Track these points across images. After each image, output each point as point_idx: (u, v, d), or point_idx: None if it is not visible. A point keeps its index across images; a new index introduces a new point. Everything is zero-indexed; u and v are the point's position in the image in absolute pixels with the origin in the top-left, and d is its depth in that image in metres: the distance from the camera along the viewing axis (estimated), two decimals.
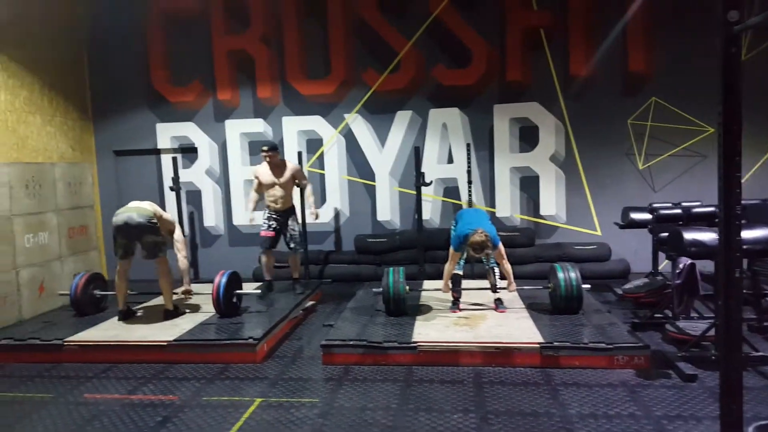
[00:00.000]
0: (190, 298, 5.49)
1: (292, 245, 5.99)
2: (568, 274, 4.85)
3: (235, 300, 5.33)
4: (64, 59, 7.44)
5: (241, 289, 5.46)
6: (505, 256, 4.94)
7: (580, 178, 7.22)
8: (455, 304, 5.22)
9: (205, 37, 7.56)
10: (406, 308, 5.07)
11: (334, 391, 3.86)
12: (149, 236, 5.06)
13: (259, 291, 6.03)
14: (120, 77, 7.83)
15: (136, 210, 5.05)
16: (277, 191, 5.86)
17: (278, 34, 7.45)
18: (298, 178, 5.99)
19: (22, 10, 6.56)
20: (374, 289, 5.44)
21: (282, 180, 5.84)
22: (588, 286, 5.03)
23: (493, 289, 5.21)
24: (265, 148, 5.79)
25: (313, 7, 7.34)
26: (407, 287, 5.09)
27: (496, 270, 5.18)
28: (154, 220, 5.06)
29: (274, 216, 5.94)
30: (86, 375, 4.35)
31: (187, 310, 5.49)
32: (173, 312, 5.30)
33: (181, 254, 5.31)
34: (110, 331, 4.96)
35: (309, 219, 6.26)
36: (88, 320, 5.34)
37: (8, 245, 5.80)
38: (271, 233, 5.93)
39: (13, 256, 5.86)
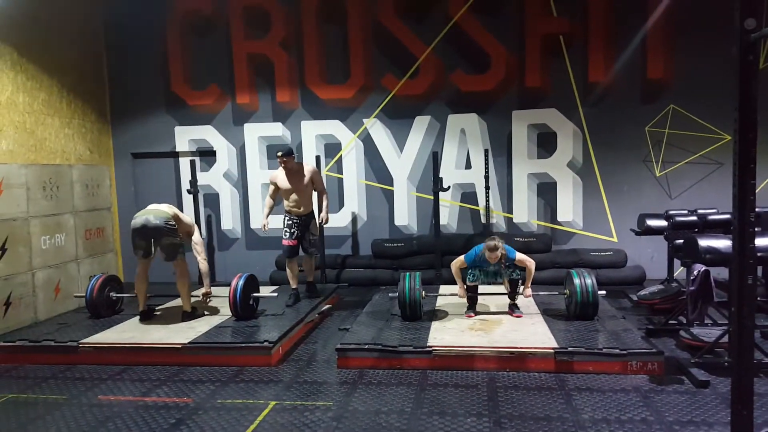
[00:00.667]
0: (210, 300, 5.54)
1: (310, 250, 5.96)
2: (584, 281, 4.83)
3: (251, 302, 5.38)
4: (83, 62, 7.60)
5: (257, 291, 5.51)
6: (528, 259, 5.00)
7: (597, 184, 7.19)
8: (471, 308, 5.23)
9: (225, 41, 7.68)
10: (421, 313, 5.09)
11: (348, 394, 3.89)
12: (167, 238, 5.13)
13: (287, 299, 5.90)
14: (139, 80, 7.98)
15: (154, 212, 5.11)
16: (296, 196, 5.72)
17: (298, 39, 7.54)
18: (315, 182, 5.83)
19: (41, 13, 6.72)
20: (390, 294, 5.47)
21: (300, 185, 5.71)
22: (603, 292, 5.01)
23: (511, 297, 5.21)
24: (279, 153, 5.62)
25: (333, 13, 7.42)
26: (423, 293, 5.11)
27: (519, 284, 5.18)
28: (172, 222, 5.13)
29: (295, 221, 5.80)
30: (101, 377, 4.41)
31: (206, 312, 5.56)
32: (190, 314, 5.36)
33: (200, 257, 5.37)
34: (125, 333, 5.03)
35: (319, 222, 6.06)
36: (104, 322, 5.42)
37: (25, 247, 5.90)
38: (293, 242, 5.80)
39: (30, 258, 5.96)
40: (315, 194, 5.98)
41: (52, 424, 3.60)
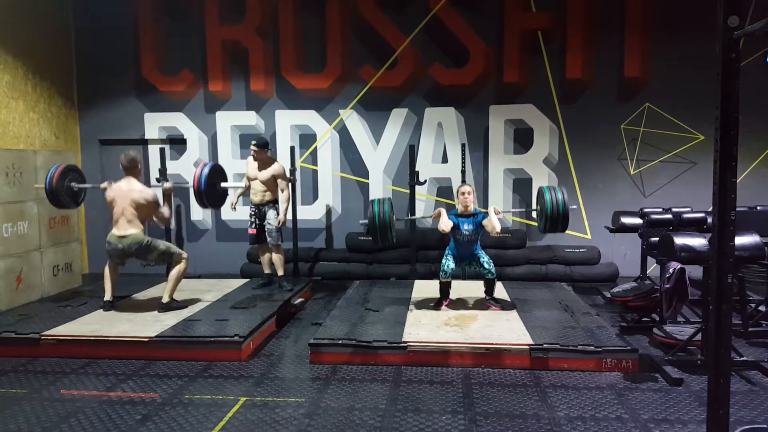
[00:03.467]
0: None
1: (268, 239, 5.93)
2: (554, 195, 4.75)
3: (219, 189, 5.42)
4: (51, 44, 7.30)
5: (225, 181, 5.58)
6: (496, 222, 4.89)
7: (572, 181, 7.22)
8: (439, 304, 5.21)
9: (199, 26, 7.45)
10: (392, 238, 4.96)
11: (321, 390, 3.80)
12: (151, 254, 5.09)
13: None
14: (108, 64, 7.69)
15: (128, 240, 4.99)
16: (257, 185, 5.88)
17: (274, 27, 7.36)
18: (279, 179, 5.89)
19: None
20: (361, 221, 5.32)
21: (261, 177, 5.83)
22: (575, 206, 5.03)
23: (489, 293, 5.21)
24: (253, 142, 5.80)
25: (311, 1, 7.26)
26: (394, 217, 4.96)
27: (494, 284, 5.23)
28: (148, 241, 5.03)
29: (254, 209, 5.95)
30: (63, 370, 4.23)
31: (186, 304, 5.40)
32: (167, 305, 5.19)
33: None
34: (90, 325, 4.83)
35: (272, 221, 5.87)
36: (67, 314, 5.20)
37: None
38: (252, 230, 5.98)
39: None
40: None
41: (11, 419, 3.42)
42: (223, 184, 5.54)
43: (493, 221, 4.87)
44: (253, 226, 5.95)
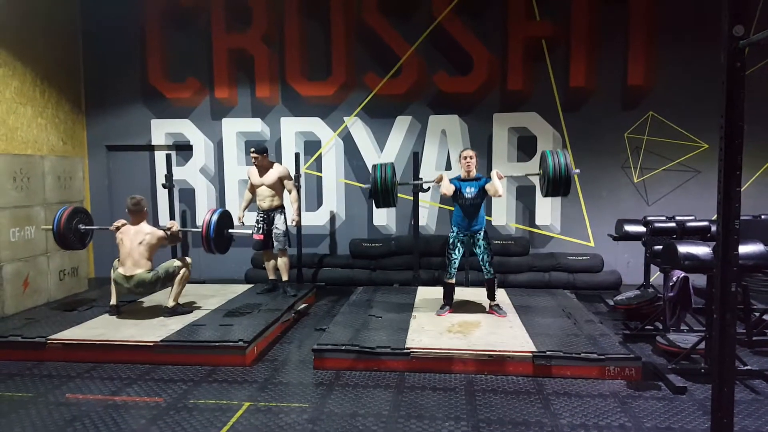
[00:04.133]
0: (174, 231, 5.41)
1: (275, 244, 5.94)
2: (557, 158, 4.71)
3: (227, 236, 5.52)
4: (59, 50, 7.37)
5: (232, 227, 5.66)
6: (499, 187, 5.00)
7: (576, 189, 7.23)
8: (443, 308, 5.23)
9: (205, 34, 7.52)
10: (394, 200, 5.05)
11: (324, 396, 3.81)
12: (157, 284, 5.20)
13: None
14: (116, 71, 7.77)
15: (134, 280, 5.08)
16: (264, 191, 5.92)
17: (279, 35, 7.42)
18: (284, 180, 5.96)
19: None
20: (364, 185, 5.35)
21: (267, 181, 5.88)
22: (578, 171, 5.02)
23: (490, 297, 5.22)
24: (252, 149, 5.88)
25: (316, 9, 7.32)
26: (396, 180, 5.03)
27: (494, 279, 5.25)
28: (152, 278, 5.12)
29: (262, 216, 5.98)
30: (69, 374, 4.26)
31: (192, 309, 5.45)
32: (172, 309, 5.22)
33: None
34: (95, 329, 4.86)
35: (289, 223, 6.08)
36: (73, 318, 5.24)
37: None
38: (260, 236, 5.98)
39: None
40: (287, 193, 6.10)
41: (16, 423, 3.45)
42: (230, 231, 5.61)
43: (496, 184, 4.93)
44: (260, 231, 5.96)
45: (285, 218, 6.00)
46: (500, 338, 4.51)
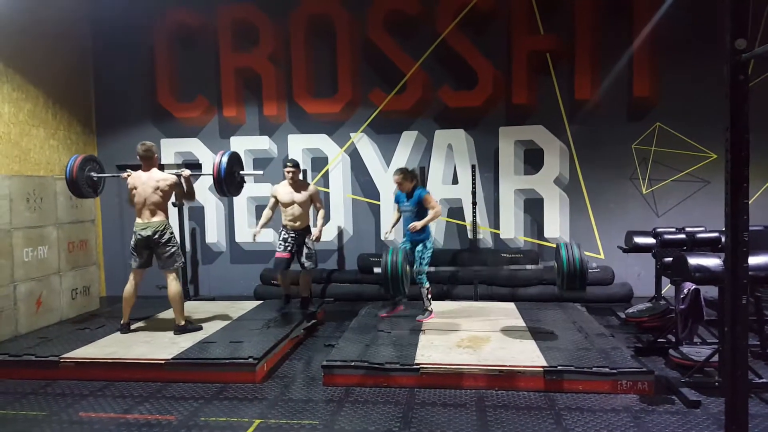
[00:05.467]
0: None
1: (306, 264, 5.98)
2: (571, 252, 4.60)
3: (237, 177, 5.61)
4: (70, 73, 7.52)
5: (242, 169, 5.77)
6: (436, 205, 5.52)
7: (584, 201, 7.22)
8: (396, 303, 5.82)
9: (213, 54, 7.63)
10: (404, 289, 4.83)
11: (334, 413, 3.80)
12: (166, 250, 5.22)
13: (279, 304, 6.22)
14: (125, 92, 7.90)
15: (152, 226, 5.19)
16: (296, 209, 5.86)
17: (286, 53, 7.52)
18: (315, 200, 6.00)
19: (28, 24, 6.64)
20: (375, 269, 5.28)
21: (300, 198, 5.86)
22: (594, 265, 4.97)
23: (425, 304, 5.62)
24: (289, 164, 5.86)
25: (322, 27, 7.42)
26: (407, 267, 4.89)
27: (426, 286, 5.61)
28: (169, 231, 5.22)
29: (292, 235, 5.92)
30: (82, 393, 4.28)
31: (202, 325, 5.46)
32: (182, 328, 5.25)
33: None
34: (108, 348, 4.90)
35: (311, 245, 6.07)
36: (86, 336, 5.28)
37: (7, 259, 5.72)
38: (286, 255, 5.90)
39: (12, 270, 5.78)
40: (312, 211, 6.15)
41: None
42: (241, 173, 5.72)
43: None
44: (287, 250, 5.90)
45: (312, 237, 6.05)
46: (510, 353, 4.48)
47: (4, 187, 5.77)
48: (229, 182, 5.47)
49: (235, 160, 5.63)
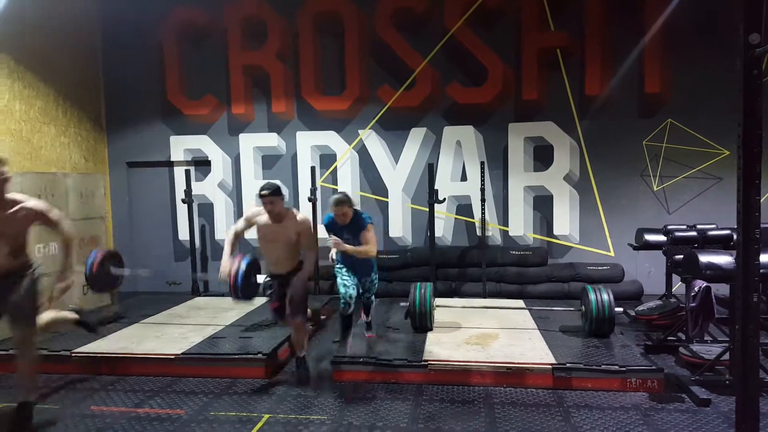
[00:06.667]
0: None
1: (293, 316, 4.27)
2: (600, 296, 4.74)
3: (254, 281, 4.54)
4: (80, 70, 7.56)
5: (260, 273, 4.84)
6: (373, 242, 4.55)
7: (594, 198, 7.17)
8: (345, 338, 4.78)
9: (221, 52, 7.66)
10: (431, 324, 5.07)
11: (343, 408, 3.82)
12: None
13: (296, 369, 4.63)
14: (135, 89, 7.93)
15: None
16: (278, 251, 4.29)
17: (294, 50, 7.53)
18: (304, 236, 4.24)
19: (39, 21, 6.68)
20: (401, 303, 5.40)
21: (284, 237, 4.23)
22: (620, 309, 4.98)
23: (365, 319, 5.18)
24: (265, 192, 4.14)
25: (330, 24, 7.42)
26: (434, 303, 5.08)
27: (373, 303, 5.16)
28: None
29: (275, 281, 4.39)
30: (93, 387, 4.34)
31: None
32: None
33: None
34: (119, 343, 4.95)
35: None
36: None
37: None
38: (275, 304, 4.44)
39: None
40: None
41: None
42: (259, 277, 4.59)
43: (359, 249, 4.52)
44: (274, 299, 4.42)
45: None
46: (519, 350, 4.47)
47: (16, 184, 5.80)
48: (245, 290, 4.36)
49: (253, 267, 4.45)
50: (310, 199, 7.12)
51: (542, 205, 7.25)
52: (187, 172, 7.33)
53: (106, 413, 3.83)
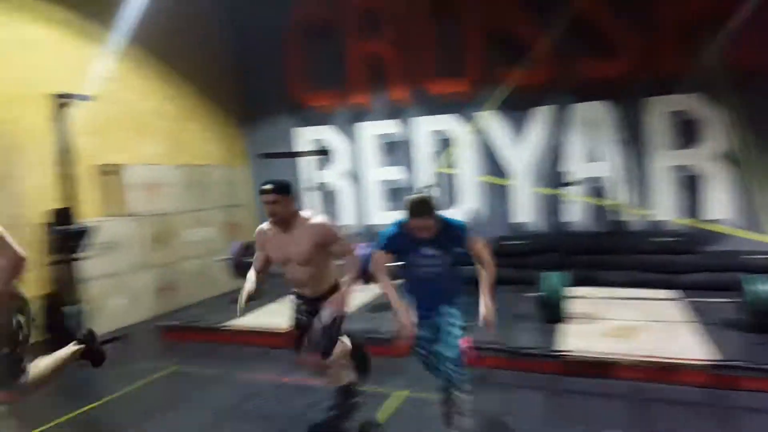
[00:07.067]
0: None
1: (320, 348, 3.20)
2: (763, 286, 4.25)
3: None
4: (219, 71, 8.21)
5: None
6: (486, 254, 3.21)
7: (754, 179, 6.32)
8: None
9: (340, 44, 7.82)
10: (562, 316, 4.86)
11: (473, 392, 3.76)
12: None
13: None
14: (264, 86, 8.36)
15: None
16: (297, 272, 3.24)
17: (410, 36, 7.48)
18: (329, 244, 3.18)
19: (177, 24, 7.25)
20: (527, 294, 5.27)
21: (299, 254, 3.17)
22: None
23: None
24: (267, 187, 3.28)
25: (446, 7, 7.27)
26: (566, 293, 4.89)
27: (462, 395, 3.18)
28: None
29: (302, 306, 3.35)
30: (242, 357, 4.82)
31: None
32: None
33: None
34: (263, 318, 5.35)
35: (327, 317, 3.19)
36: (247, 307, 5.76)
37: (176, 239, 6.66)
38: (297, 333, 3.38)
39: (180, 249, 6.69)
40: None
41: (209, 396, 4.04)
42: None
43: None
44: (298, 326, 3.36)
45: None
46: (667, 344, 4.11)
47: (174, 176, 6.60)
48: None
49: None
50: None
51: (690, 186, 6.56)
52: (314, 161, 7.64)
53: (258, 380, 4.15)
